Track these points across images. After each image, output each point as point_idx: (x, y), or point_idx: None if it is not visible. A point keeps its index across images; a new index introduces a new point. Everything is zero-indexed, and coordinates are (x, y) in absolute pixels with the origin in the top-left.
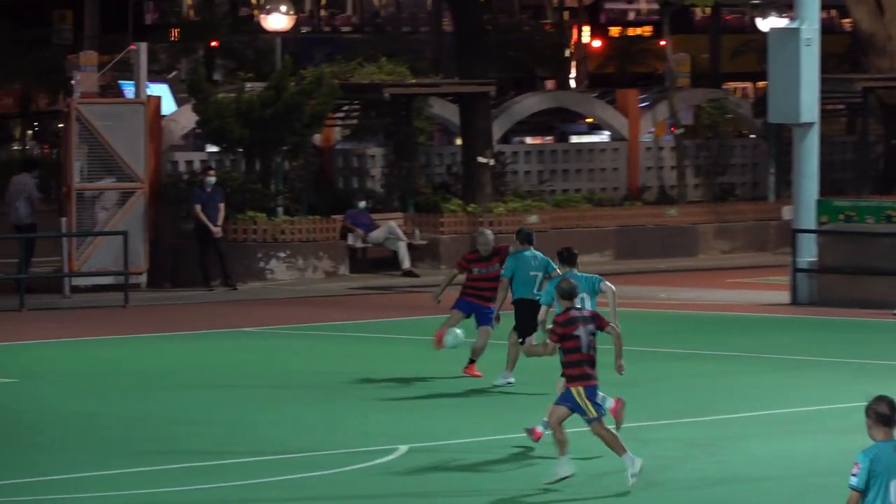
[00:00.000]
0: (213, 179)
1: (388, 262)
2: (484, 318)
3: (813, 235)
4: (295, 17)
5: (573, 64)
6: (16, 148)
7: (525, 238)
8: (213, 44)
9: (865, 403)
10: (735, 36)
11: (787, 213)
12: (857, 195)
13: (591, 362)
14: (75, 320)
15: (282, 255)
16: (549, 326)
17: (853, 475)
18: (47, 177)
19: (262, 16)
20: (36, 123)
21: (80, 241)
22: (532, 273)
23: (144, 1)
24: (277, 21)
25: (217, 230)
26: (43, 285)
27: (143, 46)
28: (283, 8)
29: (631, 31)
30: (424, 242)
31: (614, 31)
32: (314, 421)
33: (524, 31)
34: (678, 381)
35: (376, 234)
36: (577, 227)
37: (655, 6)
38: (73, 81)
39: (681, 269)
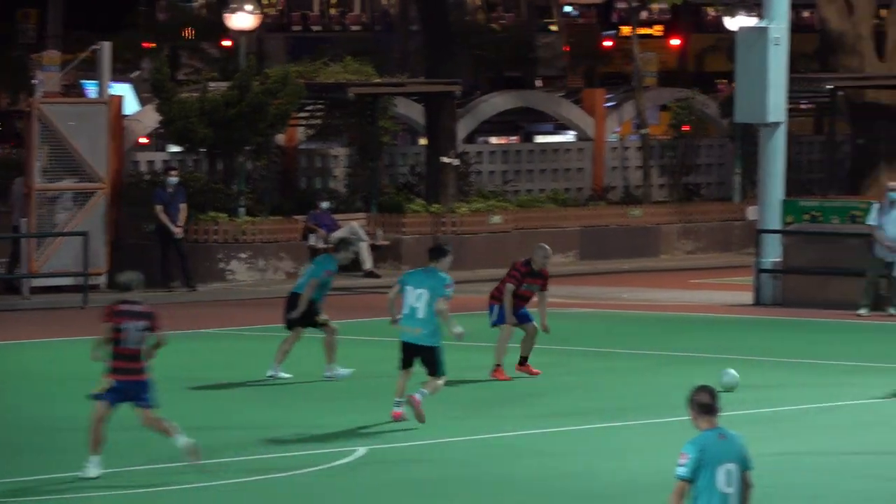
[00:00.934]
0: (174, 179)
1: (349, 264)
2: (525, 317)
3: (778, 236)
4: (261, 15)
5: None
6: None
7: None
8: (227, 44)
9: (820, 405)
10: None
11: (751, 213)
12: (824, 195)
13: (134, 357)
14: (34, 322)
15: (243, 255)
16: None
17: (680, 465)
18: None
19: (227, 15)
20: None
21: (40, 241)
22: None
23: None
24: (242, 20)
25: (178, 231)
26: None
27: (107, 46)
28: (249, 7)
29: (641, 31)
30: (387, 243)
31: (626, 30)
32: (275, 423)
33: (493, 31)
34: (639, 381)
35: (338, 235)
36: (540, 227)
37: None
38: (35, 81)
39: (645, 269)
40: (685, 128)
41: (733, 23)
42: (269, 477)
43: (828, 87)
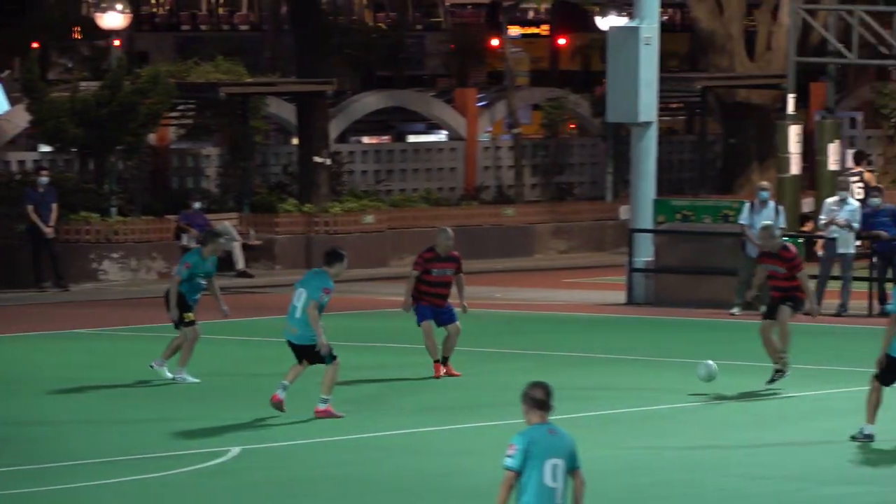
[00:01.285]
0: (45, 179)
1: (222, 263)
2: (447, 317)
3: (650, 235)
4: (131, 15)
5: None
6: None
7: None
8: (116, 43)
9: (693, 403)
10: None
11: (623, 212)
12: (696, 195)
13: None
14: None
15: (115, 255)
16: None
17: (508, 456)
18: None
19: (97, 14)
20: None
21: None
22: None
23: None
24: (113, 19)
25: (49, 231)
26: None
27: None
28: (119, 6)
29: (529, 30)
30: (259, 243)
31: (513, 29)
32: (147, 422)
33: (374, 30)
34: (510, 380)
35: None
36: (413, 227)
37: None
38: None
39: (518, 269)
40: (571, 126)
41: (604, 22)
42: (140, 477)
43: (699, 86)
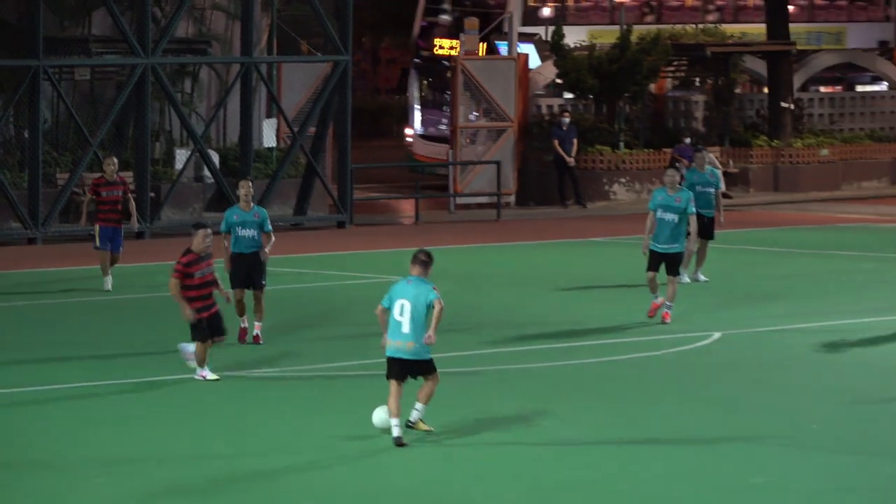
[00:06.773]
0: (567, 120)
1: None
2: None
3: None
4: None
5: None
6: None
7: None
8: None
9: None
10: None
11: None
12: None
13: None
14: (459, 232)
15: (623, 180)
16: None
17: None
18: None
19: None
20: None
21: (463, 168)
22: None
23: None
24: None
25: (571, 160)
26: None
27: (515, 14)
28: None
29: None
30: (736, 171)
31: None
32: (641, 310)
33: None
34: None
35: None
36: (859, 158)
37: None
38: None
39: None
40: None
41: None
42: (645, 355)
43: None
